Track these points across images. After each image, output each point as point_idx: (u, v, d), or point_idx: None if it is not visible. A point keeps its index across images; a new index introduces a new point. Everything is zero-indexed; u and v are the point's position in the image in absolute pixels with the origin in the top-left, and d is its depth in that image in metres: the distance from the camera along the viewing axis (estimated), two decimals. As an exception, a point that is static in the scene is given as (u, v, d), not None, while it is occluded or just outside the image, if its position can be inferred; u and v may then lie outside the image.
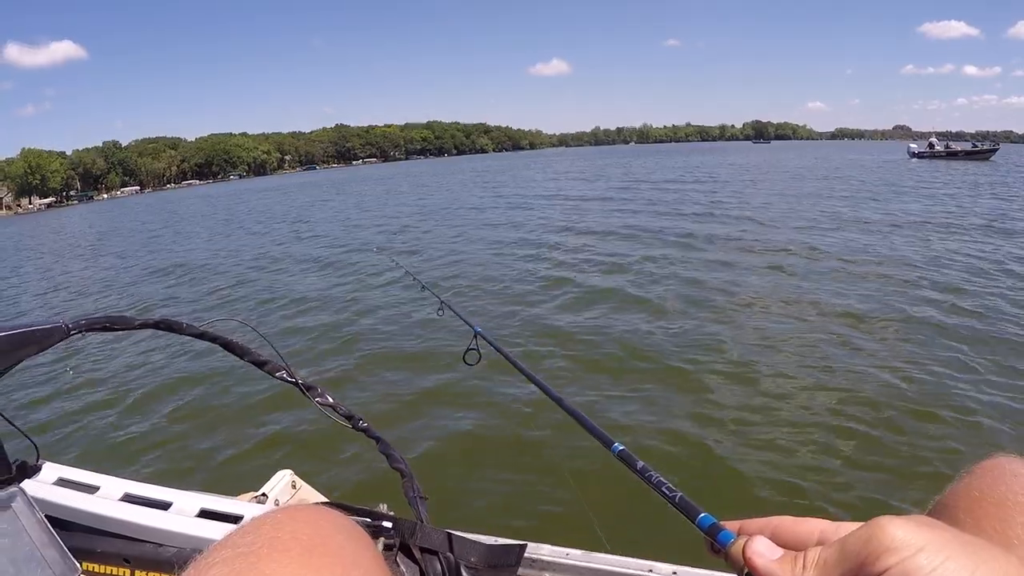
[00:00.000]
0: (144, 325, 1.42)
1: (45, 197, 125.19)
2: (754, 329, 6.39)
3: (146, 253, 18.09)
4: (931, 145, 50.50)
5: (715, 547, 0.47)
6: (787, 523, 0.45)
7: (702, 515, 0.49)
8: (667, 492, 0.56)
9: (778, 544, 0.43)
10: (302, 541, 0.43)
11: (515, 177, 40.99)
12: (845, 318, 6.61)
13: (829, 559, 0.38)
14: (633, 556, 1.33)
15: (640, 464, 0.64)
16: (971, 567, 0.33)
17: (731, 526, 0.48)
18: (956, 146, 50.39)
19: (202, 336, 1.44)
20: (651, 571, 1.29)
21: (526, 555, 1.29)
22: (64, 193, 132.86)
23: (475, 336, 1.72)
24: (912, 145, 55.69)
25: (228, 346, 1.45)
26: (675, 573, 1.27)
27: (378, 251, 11.01)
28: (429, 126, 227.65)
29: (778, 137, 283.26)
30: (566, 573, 1.30)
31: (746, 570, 0.43)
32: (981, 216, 14.49)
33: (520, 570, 1.28)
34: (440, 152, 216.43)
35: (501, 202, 24.06)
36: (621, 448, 0.71)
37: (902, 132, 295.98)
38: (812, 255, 10.08)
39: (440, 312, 2.29)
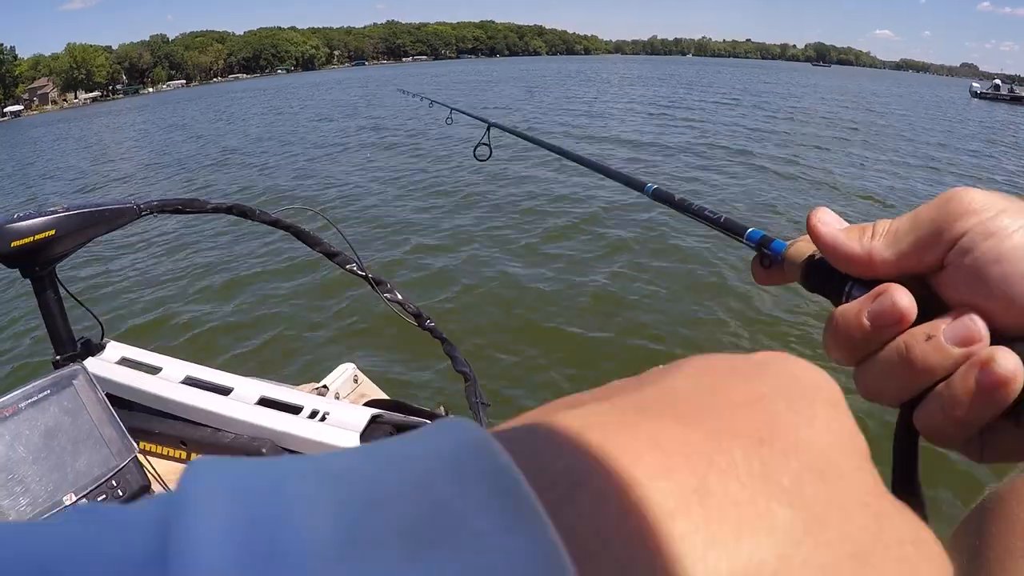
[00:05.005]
0: (217, 209, 1.39)
1: (91, 91, 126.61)
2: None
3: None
4: (996, 87, 48.19)
5: (765, 262, 0.45)
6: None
7: (750, 230, 0.46)
8: (710, 215, 0.52)
9: None
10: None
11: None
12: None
13: (901, 227, 0.35)
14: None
15: (678, 197, 0.59)
16: None
17: None
18: (1021, 91, 47.80)
19: (275, 224, 1.41)
20: None
21: None
22: (110, 87, 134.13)
23: (488, 129, 1.55)
24: (975, 84, 52.52)
25: (300, 235, 1.43)
26: None
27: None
28: (482, 25, 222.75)
29: (839, 62, 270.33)
30: None
31: (804, 267, 0.40)
32: None
33: None
34: (492, 52, 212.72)
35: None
36: (655, 187, 0.67)
37: (969, 70, 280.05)
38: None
39: (449, 121, 2.26)
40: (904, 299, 0.33)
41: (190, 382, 1.36)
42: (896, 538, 0.18)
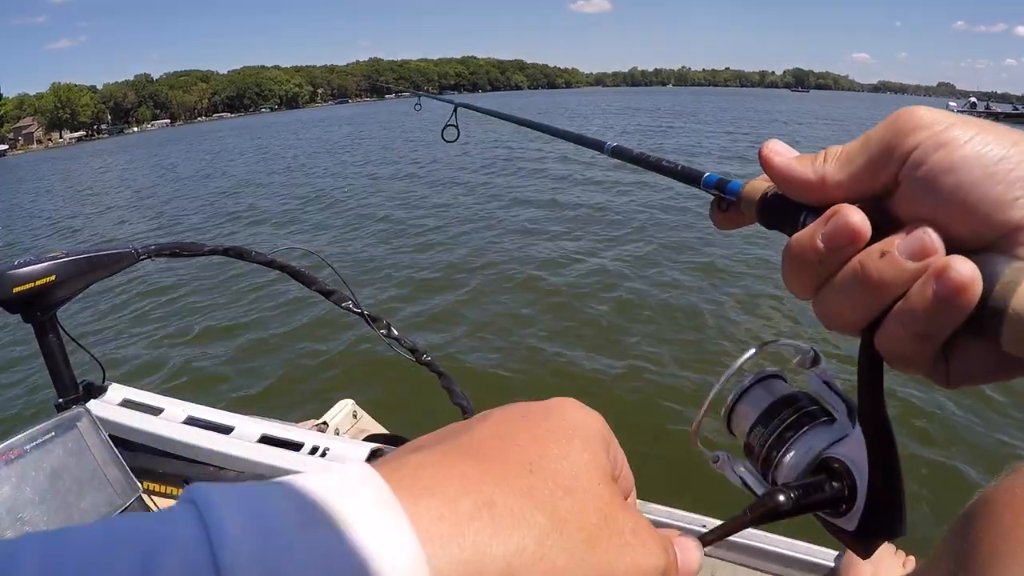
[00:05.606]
0: (213, 252, 1.41)
1: (76, 131, 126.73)
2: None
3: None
4: (972, 104, 49.23)
5: (723, 205, 0.45)
6: None
7: (707, 174, 0.47)
8: (668, 165, 0.54)
9: None
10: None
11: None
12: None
13: (852, 149, 0.35)
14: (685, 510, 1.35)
15: (636, 151, 0.62)
16: (1011, 138, 0.31)
17: None
18: (997, 107, 48.99)
19: (270, 264, 1.43)
20: (704, 527, 1.30)
21: None
22: (95, 127, 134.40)
23: (455, 110, 1.60)
24: (951, 103, 54.04)
25: (296, 275, 1.45)
26: None
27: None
28: (464, 61, 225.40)
29: (818, 87, 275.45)
30: None
31: (759, 204, 0.40)
32: None
33: None
34: (474, 88, 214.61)
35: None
36: (614, 145, 0.70)
37: (946, 89, 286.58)
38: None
39: (417, 107, 2.36)
40: (856, 216, 0.33)
41: (191, 422, 1.38)
42: (618, 530, 0.29)
